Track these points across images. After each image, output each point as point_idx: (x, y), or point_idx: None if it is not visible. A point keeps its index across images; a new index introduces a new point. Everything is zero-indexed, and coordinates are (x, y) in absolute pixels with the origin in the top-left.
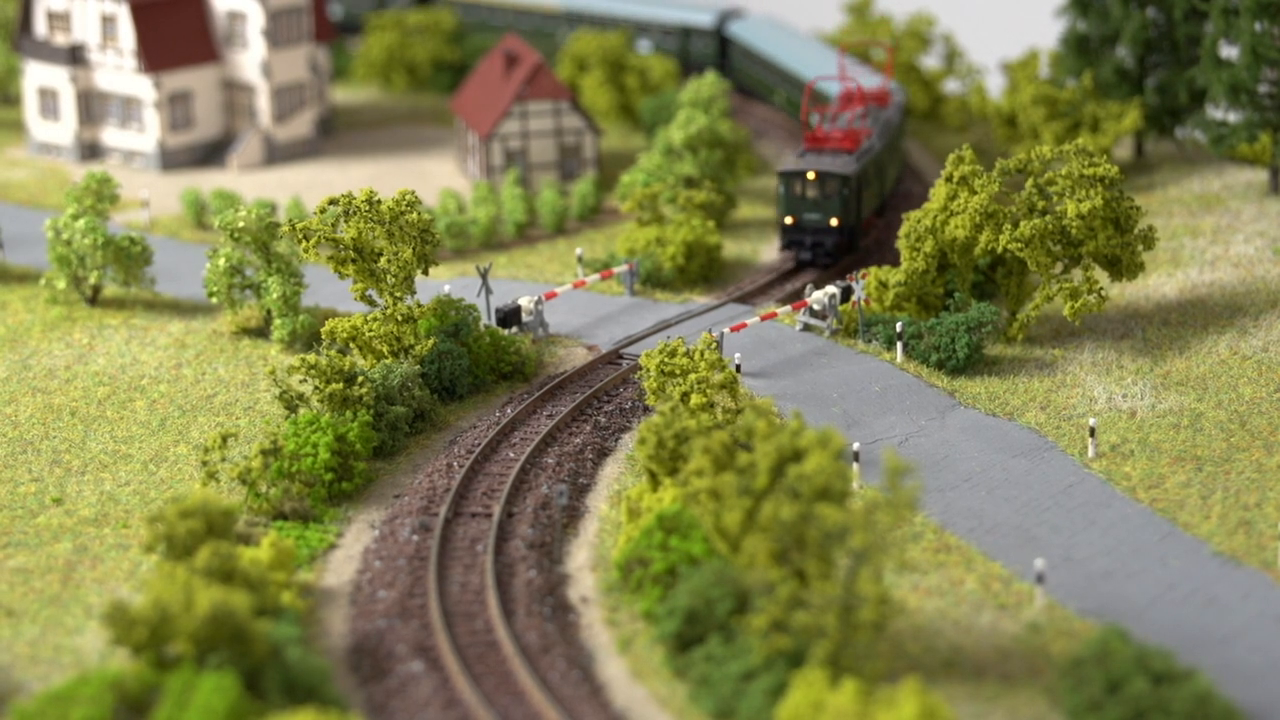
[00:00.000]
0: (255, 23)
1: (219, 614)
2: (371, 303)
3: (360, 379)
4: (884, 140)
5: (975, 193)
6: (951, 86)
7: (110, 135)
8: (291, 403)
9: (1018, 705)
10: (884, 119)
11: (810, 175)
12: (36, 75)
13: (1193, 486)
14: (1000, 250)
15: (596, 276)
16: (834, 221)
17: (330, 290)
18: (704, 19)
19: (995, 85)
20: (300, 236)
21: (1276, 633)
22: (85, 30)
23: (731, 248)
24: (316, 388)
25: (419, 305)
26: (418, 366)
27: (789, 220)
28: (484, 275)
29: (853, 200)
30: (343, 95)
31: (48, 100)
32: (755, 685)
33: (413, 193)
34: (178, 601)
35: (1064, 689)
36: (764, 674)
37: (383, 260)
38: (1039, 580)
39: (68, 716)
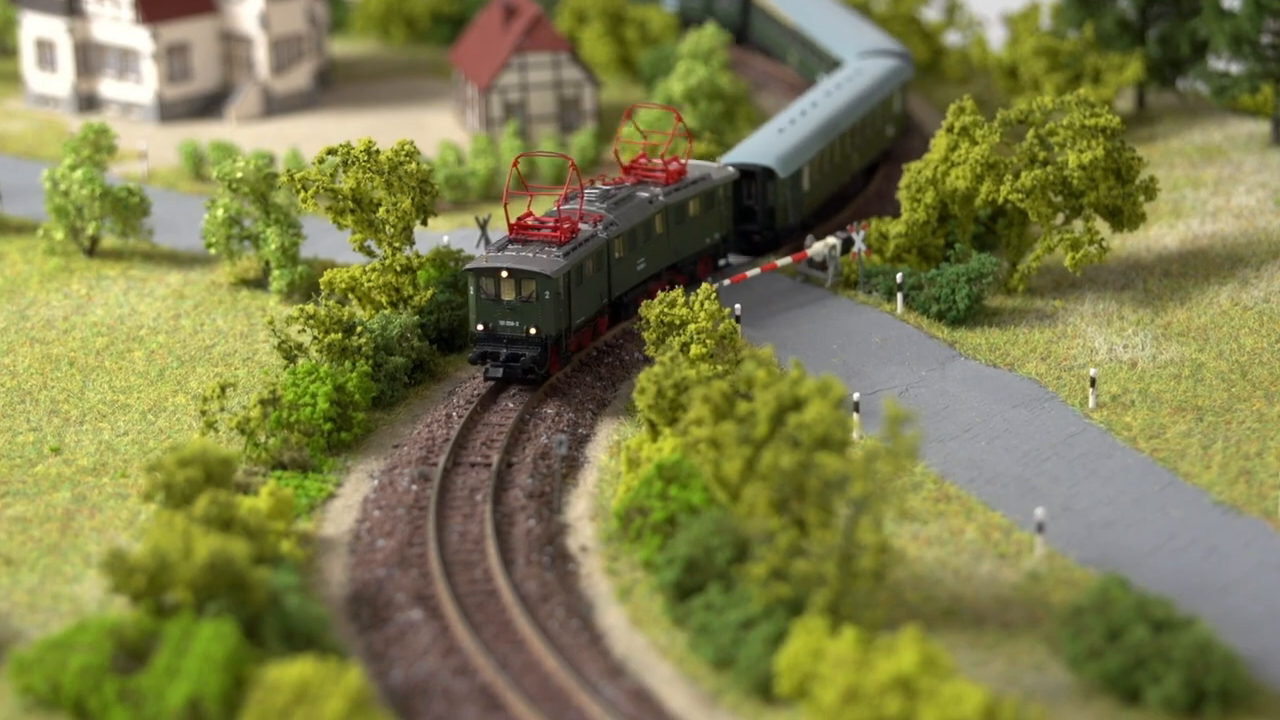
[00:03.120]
0: None
1: (218, 561)
2: (370, 253)
3: (359, 329)
4: (625, 228)
5: (976, 143)
6: (952, 39)
7: (108, 87)
8: (290, 353)
9: (1017, 653)
10: (640, 199)
11: (504, 274)
12: (33, 26)
13: (1193, 436)
14: (1001, 201)
15: None
16: (532, 330)
17: (329, 242)
18: None
19: (996, 37)
20: (298, 187)
21: (1277, 581)
22: None
23: None
24: (315, 338)
25: (418, 256)
26: (417, 317)
27: (480, 327)
28: (483, 227)
29: (557, 306)
30: (341, 47)
31: (45, 52)
32: (755, 633)
33: (411, 143)
34: (176, 549)
35: (1064, 637)
36: (763, 622)
37: (381, 211)
38: (1039, 529)
39: (66, 663)
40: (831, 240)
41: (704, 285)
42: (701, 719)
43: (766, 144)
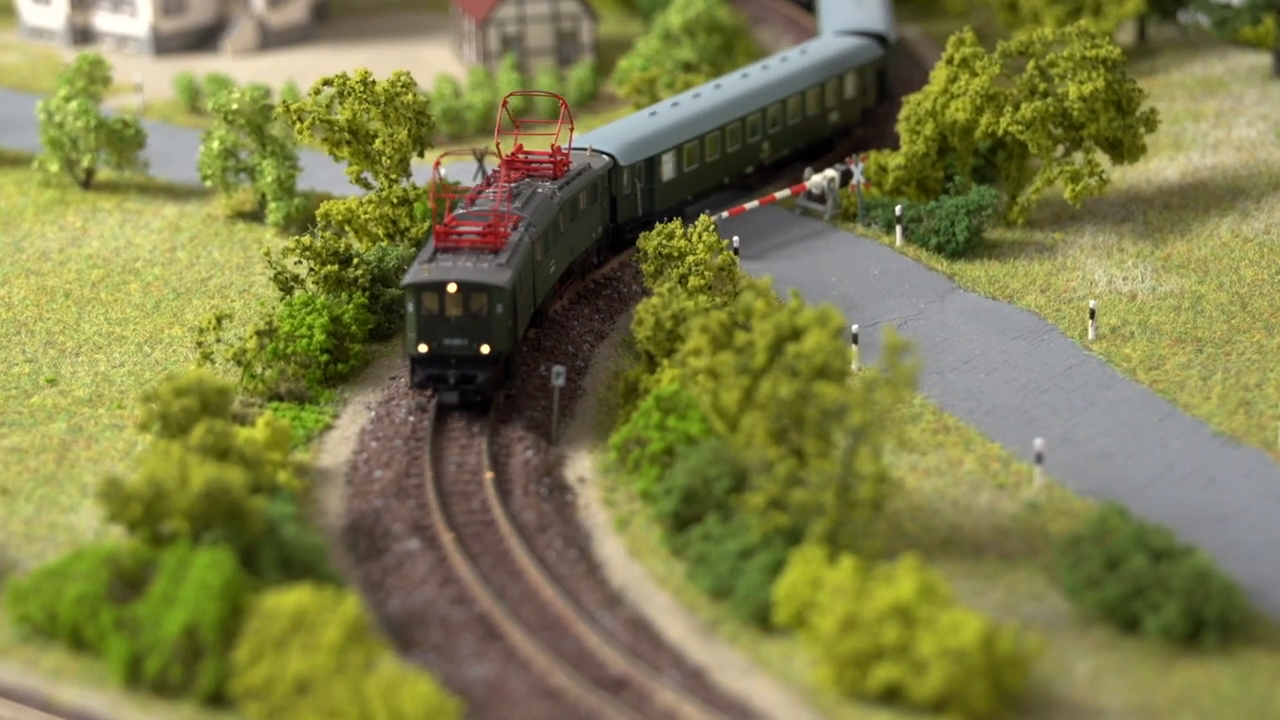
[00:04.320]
0: None
1: (214, 490)
2: (367, 185)
3: (355, 261)
4: (540, 229)
5: (976, 75)
6: None
7: (102, 20)
8: (286, 284)
9: (1016, 583)
10: (543, 195)
11: (451, 288)
12: None
13: (1193, 368)
14: (1001, 133)
15: None
16: (485, 348)
17: (325, 175)
18: None
19: None
20: (294, 118)
21: (1276, 511)
22: None
23: None
24: (311, 270)
25: (415, 188)
26: (413, 249)
27: (422, 349)
28: (480, 160)
29: (508, 319)
30: None
31: None
32: (753, 563)
33: (408, 74)
34: (172, 478)
35: (1062, 566)
36: (761, 552)
37: (377, 142)
38: (1038, 460)
39: (63, 592)
40: (830, 173)
41: (702, 216)
42: (699, 648)
43: (624, 128)
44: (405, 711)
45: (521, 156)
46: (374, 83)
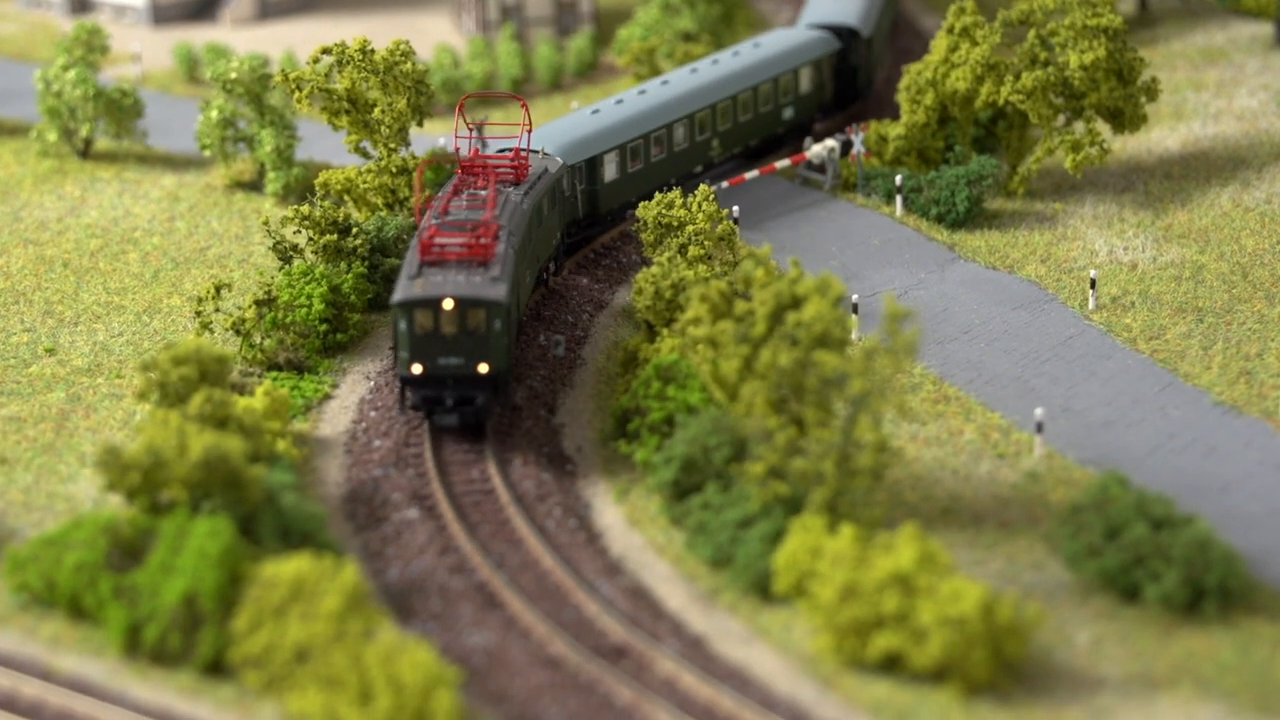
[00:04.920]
0: None
1: (213, 458)
2: (365, 154)
3: (354, 230)
4: (519, 238)
5: (976, 44)
6: None
7: None
8: (285, 254)
9: (1016, 552)
10: (514, 201)
11: (447, 305)
12: None
13: (1194, 337)
14: (1001, 103)
15: None
16: (483, 368)
17: (324, 145)
18: None
19: None
20: (293, 87)
21: (1276, 480)
22: None
23: None
24: (310, 239)
25: (414, 157)
26: (413, 219)
27: (417, 369)
28: (478, 130)
29: (507, 336)
30: None
31: None
32: (752, 532)
33: (407, 42)
34: (171, 446)
35: (1063, 536)
36: (761, 521)
37: (376, 111)
38: (1038, 429)
39: (62, 560)
40: (830, 143)
41: (701, 186)
42: (699, 617)
43: (564, 127)
44: (404, 679)
45: (481, 161)
46: (373, 51)
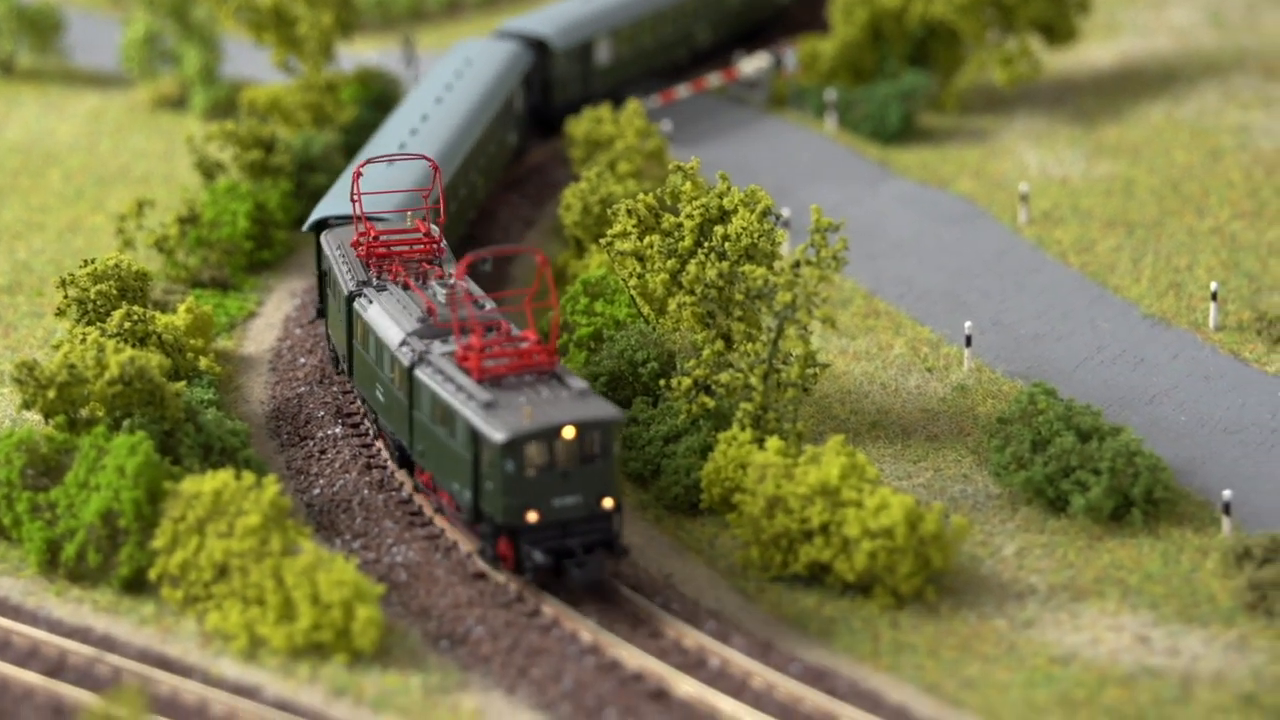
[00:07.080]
0: None
1: (131, 374)
2: (291, 71)
3: (280, 147)
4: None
5: None
6: None
7: None
8: (210, 171)
9: (944, 465)
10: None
11: (568, 433)
12: None
13: (1124, 250)
14: (933, 18)
15: None
16: (607, 502)
17: (250, 63)
18: None
19: None
20: (218, 1)
21: (1205, 390)
22: None
23: None
24: (235, 156)
25: (340, 74)
26: (340, 135)
27: (533, 517)
28: (409, 46)
29: (617, 462)
30: None
31: None
32: (680, 446)
33: None
34: (89, 362)
35: (991, 448)
36: (689, 435)
37: (302, 27)
38: (967, 343)
39: None
40: (762, 58)
41: (631, 101)
42: (626, 531)
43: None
44: (325, 595)
45: (384, 241)
46: None
